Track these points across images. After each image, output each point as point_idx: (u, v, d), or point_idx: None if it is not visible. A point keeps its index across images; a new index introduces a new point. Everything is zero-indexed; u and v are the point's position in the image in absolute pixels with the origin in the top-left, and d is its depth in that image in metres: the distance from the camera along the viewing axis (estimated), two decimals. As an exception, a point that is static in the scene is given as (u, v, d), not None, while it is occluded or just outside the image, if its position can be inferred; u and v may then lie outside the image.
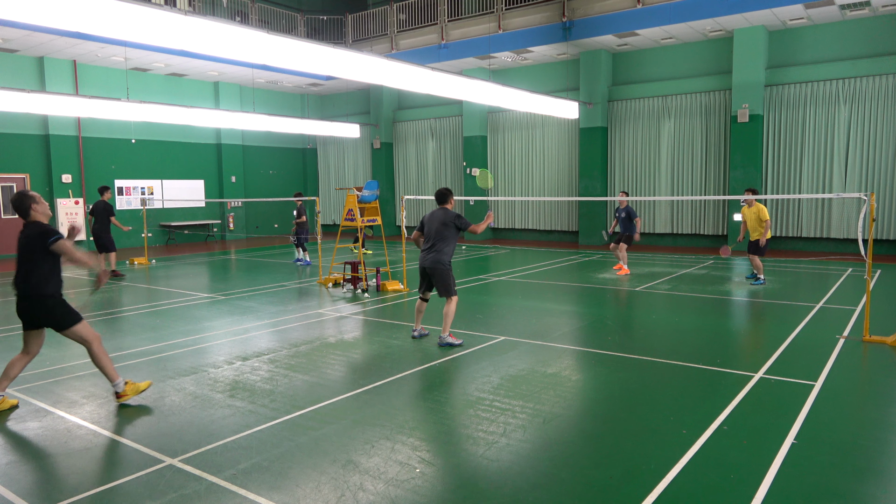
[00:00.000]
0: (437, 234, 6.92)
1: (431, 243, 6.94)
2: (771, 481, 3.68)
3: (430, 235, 6.97)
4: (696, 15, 14.61)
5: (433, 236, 6.94)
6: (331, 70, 9.69)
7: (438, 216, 7.01)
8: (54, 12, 6.49)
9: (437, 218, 7.00)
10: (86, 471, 4.01)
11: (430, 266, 6.91)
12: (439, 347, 6.83)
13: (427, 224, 7.06)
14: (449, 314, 6.86)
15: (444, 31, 18.40)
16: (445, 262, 6.91)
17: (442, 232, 6.91)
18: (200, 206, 21.94)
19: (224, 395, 5.40)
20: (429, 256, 6.92)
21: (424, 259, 6.98)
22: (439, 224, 6.94)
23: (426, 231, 7.04)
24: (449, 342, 6.87)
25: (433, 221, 7.00)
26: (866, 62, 14.66)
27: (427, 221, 7.08)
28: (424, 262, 6.98)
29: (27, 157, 17.52)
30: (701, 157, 17.08)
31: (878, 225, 14.76)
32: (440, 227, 6.93)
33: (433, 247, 6.93)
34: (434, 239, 6.92)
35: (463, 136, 21.16)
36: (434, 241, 6.92)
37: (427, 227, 7.04)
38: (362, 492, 3.64)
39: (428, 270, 6.95)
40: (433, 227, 6.97)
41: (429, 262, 6.92)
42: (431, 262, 6.90)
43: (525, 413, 4.89)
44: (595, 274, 12.47)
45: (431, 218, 7.05)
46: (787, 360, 6.20)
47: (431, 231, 6.97)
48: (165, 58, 17.68)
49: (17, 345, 7.34)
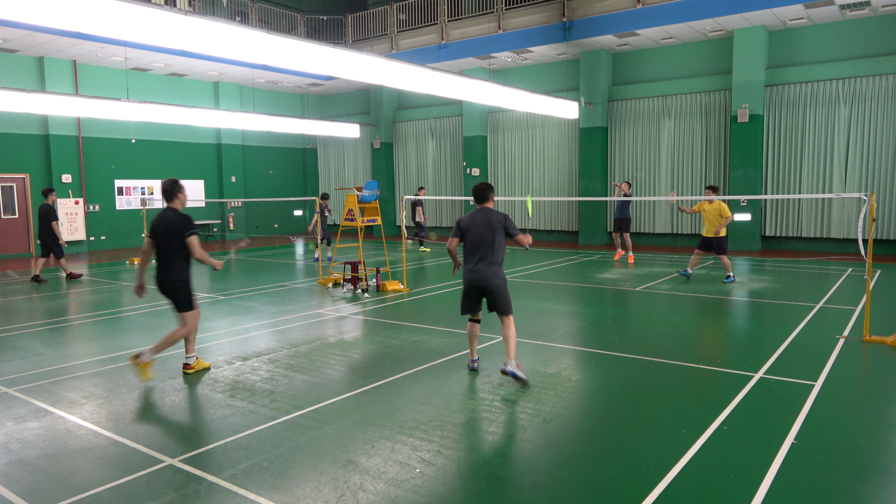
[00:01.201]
0: (489, 242, 5.63)
1: (481, 254, 5.65)
2: (771, 481, 3.68)
3: (479, 243, 5.66)
4: (696, 15, 14.62)
5: (483, 244, 5.64)
6: (331, 70, 9.68)
7: (484, 219, 5.71)
8: (54, 12, 6.49)
9: (483, 221, 5.69)
10: (86, 471, 4.01)
11: (486, 284, 5.64)
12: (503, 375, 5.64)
13: (470, 229, 5.73)
14: (513, 336, 5.65)
15: (444, 31, 18.40)
16: (504, 277, 5.74)
17: (494, 238, 5.64)
18: (200, 206, 21.93)
19: (224, 395, 5.40)
20: (483, 271, 5.63)
21: (476, 274, 5.65)
22: (488, 228, 5.64)
23: (471, 238, 5.71)
24: (517, 374, 5.47)
25: (480, 226, 5.68)
26: (866, 62, 14.66)
27: (468, 226, 5.74)
28: (476, 278, 5.65)
29: (27, 157, 17.52)
30: (701, 157, 17.08)
31: (878, 225, 14.76)
32: (489, 231, 5.64)
33: (485, 258, 5.64)
34: (485, 248, 5.64)
35: (463, 136, 21.16)
36: (485, 251, 5.64)
37: (472, 234, 5.71)
38: (362, 492, 3.64)
39: (483, 288, 5.69)
40: (481, 232, 5.66)
41: (484, 278, 5.62)
42: (488, 279, 5.62)
43: (525, 413, 4.89)
44: (595, 274, 12.47)
45: (474, 222, 5.73)
46: (787, 360, 6.20)
47: (479, 237, 5.66)
48: (165, 58, 17.68)
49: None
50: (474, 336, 6.01)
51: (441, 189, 22.38)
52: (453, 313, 8.66)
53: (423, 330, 7.80)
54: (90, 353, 6.95)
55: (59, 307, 9.97)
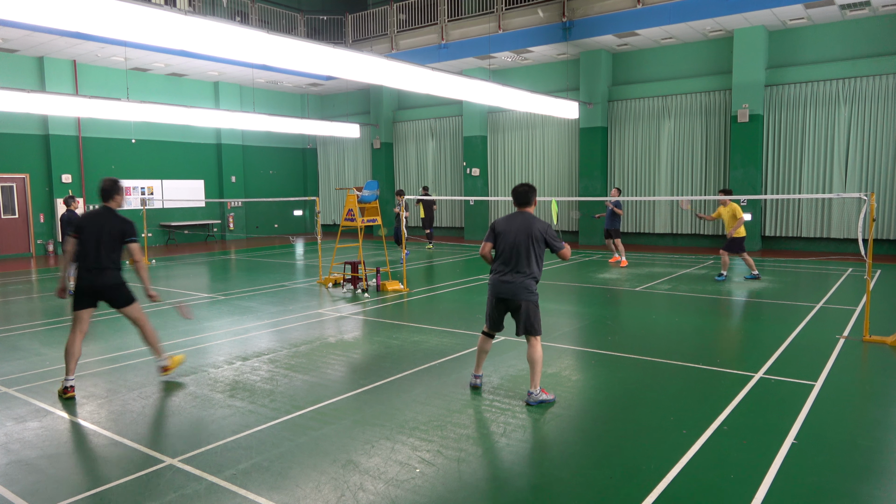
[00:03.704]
0: (524, 250, 5.03)
1: (514, 263, 5.06)
2: (771, 481, 3.68)
3: (513, 251, 5.05)
4: (696, 15, 14.61)
5: (519, 253, 5.03)
6: (331, 70, 9.68)
7: (523, 224, 5.07)
8: (54, 12, 6.49)
9: (521, 227, 5.06)
10: (86, 471, 4.01)
11: (514, 297, 5.06)
12: (528, 407, 5.02)
13: (505, 234, 5.09)
14: (538, 360, 5.07)
15: (444, 31, 18.40)
16: (536, 291, 5.13)
17: (530, 248, 5.03)
18: (200, 206, 21.94)
19: (224, 395, 5.40)
20: (512, 281, 5.05)
21: (504, 284, 5.07)
22: (526, 236, 5.02)
23: (506, 244, 5.09)
24: (543, 399, 5.04)
25: (516, 232, 5.06)
26: (866, 62, 14.66)
27: (504, 230, 5.11)
28: (504, 289, 5.08)
29: (27, 157, 17.52)
30: (701, 157, 17.08)
31: (878, 225, 14.76)
32: (527, 240, 5.02)
33: (516, 268, 5.05)
34: (520, 257, 5.04)
35: (463, 136, 21.16)
36: (519, 261, 5.04)
37: (506, 239, 5.08)
38: (362, 492, 3.64)
39: (511, 302, 5.10)
40: (516, 238, 5.04)
41: (512, 290, 5.05)
42: (516, 292, 5.05)
43: (525, 413, 4.89)
44: (595, 274, 12.47)
45: (510, 226, 5.10)
46: (787, 360, 6.20)
47: (514, 244, 5.04)
48: (165, 58, 17.68)
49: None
50: (484, 352, 5.43)
51: (441, 189, 22.38)
52: (453, 313, 8.67)
53: (422, 330, 7.80)
54: (90, 353, 6.94)
55: (59, 307, 9.97)
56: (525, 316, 5.07)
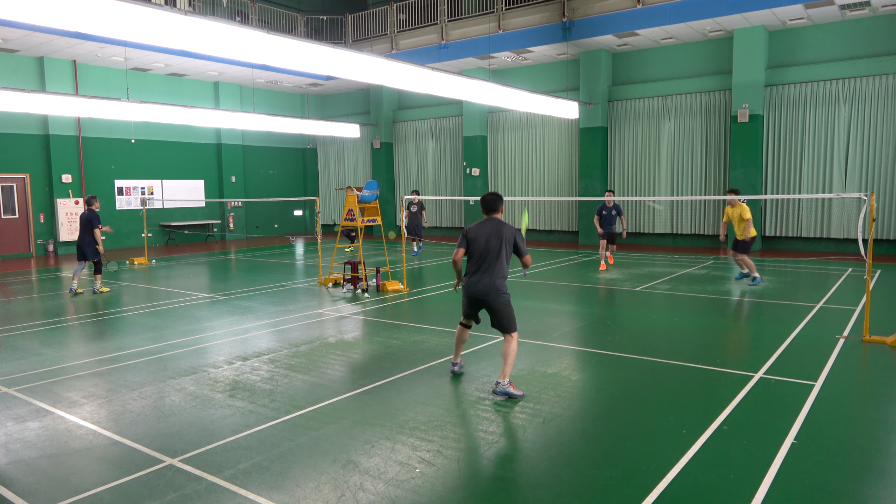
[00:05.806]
0: (495, 254, 5.41)
1: (486, 266, 5.45)
2: (771, 481, 3.69)
3: (484, 255, 5.44)
4: (696, 15, 14.61)
5: (489, 256, 5.43)
6: (331, 70, 9.68)
7: (494, 229, 5.48)
8: (54, 12, 6.49)
9: (492, 232, 5.47)
10: (86, 471, 4.01)
11: (484, 297, 5.47)
12: (495, 395, 5.31)
13: (477, 239, 5.49)
14: (511, 354, 5.39)
15: (444, 31, 18.40)
16: (506, 291, 5.52)
17: (501, 250, 5.43)
18: (200, 206, 21.93)
19: (224, 395, 5.40)
20: (481, 282, 5.45)
21: (477, 287, 5.48)
22: (497, 240, 5.43)
23: (477, 249, 5.48)
24: (509, 392, 5.27)
25: (488, 236, 5.45)
26: (866, 62, 14.66)
27: (475, 236, 5.50)
28: (476, 289, 5.49)
29: (27, 157, 17.52)
30: (701, 157, 17.08)
31: (878, 225, 14.76)
32: (498, 243, 5.42)
33: (489, 271, 5.44)
34: (490, 260, 5.43)
35: (463, 136, 21.16)
36: (490, 264, 5.43)
37: (478, 244, 5.47)
38: (362, 492, 3.64)
39: (483, 302, 5.52)
40: (489, 242, 5.44)
41: (483, 290, 5.45)
42: (487, 291, 5.43)
43: (525, 413, 4.89)
44: (595, 274, 12.47)
45: (482, 231, 5.50)
46: (787, 360, 6.20)
47: (485, 249, 5.44)
48: (165, 58, 17.68)
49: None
50: (462, 340, 5.93)
51: (441, 189, 22.38)
52: (453, 313, 8.67)
53: (422, 330, 7.80)
54: (90, 353, 6.95)
55: (60, 307, 9.97)
56: (499, 315, 5.51)
